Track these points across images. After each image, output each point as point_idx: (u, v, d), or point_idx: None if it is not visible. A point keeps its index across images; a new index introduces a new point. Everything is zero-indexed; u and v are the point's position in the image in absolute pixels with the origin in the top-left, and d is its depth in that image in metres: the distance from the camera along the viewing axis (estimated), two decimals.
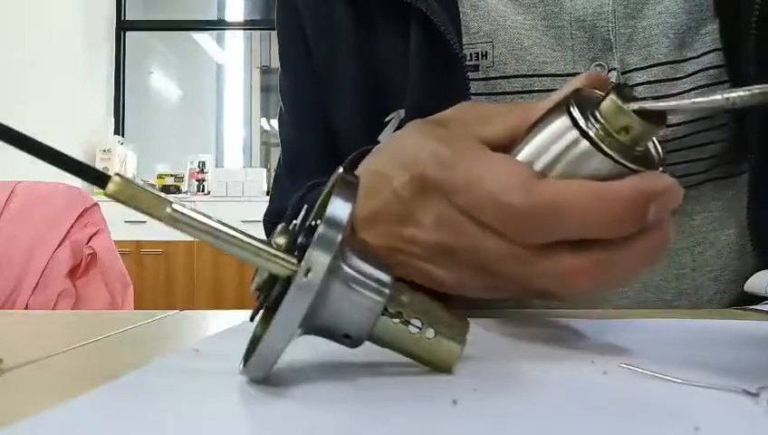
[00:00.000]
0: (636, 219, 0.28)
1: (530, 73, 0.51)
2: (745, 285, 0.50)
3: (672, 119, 0.50)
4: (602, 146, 0.28)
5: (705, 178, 0.53)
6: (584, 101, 0.29)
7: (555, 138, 0.29)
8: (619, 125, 0.28)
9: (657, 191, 0.27)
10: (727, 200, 0.54)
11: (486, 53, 0.52)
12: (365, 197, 0.35)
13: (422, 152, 0.32)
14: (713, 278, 0.54)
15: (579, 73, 0.51)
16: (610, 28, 0.50)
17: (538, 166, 0.29)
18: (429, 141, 0.33)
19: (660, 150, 0.30)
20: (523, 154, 0.30)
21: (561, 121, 0.29)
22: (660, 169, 0.29)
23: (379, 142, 0.54)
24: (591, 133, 0.28)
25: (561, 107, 0.29)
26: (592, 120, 0.28)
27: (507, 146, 0.31)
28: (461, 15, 0.52)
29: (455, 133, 0.33)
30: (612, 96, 0.28)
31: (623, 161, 0.28)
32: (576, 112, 0.28)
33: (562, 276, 0.29)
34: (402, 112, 0.53)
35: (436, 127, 0.35)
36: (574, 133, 0.28)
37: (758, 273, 0.50)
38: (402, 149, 0.35)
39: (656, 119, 0.28)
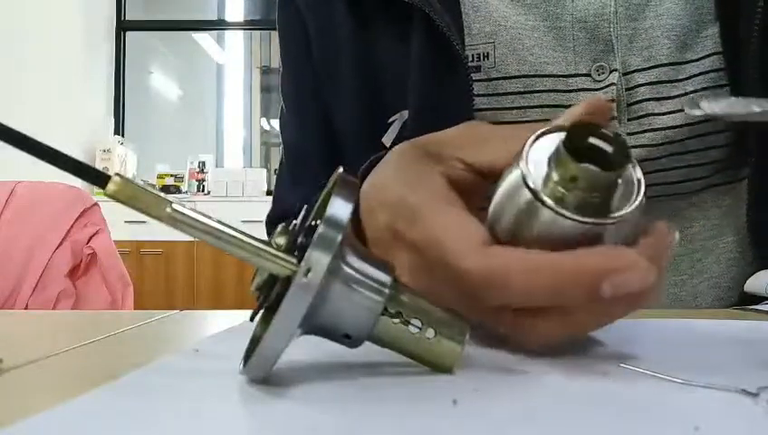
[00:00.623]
0: (583, 295, 0.26)
1: (531, 74, 0.51)
2: (745, 285, 0.50)
3: (671, 122, 0.50)
4: (546, 201, 0.26)
5: (705, 185, 0.53)
6: (540, 148, 0.27)
7: (511, 192, 0.27)
8: (568, 175, 0.25)
9: (608, 270, 0.25)
10: (726, 207, 0.54)
11: (488, 53, 0.52)
12: (365, 216, 0.35)
13: (393, 196, 0.33)
14: (711, 285, 0.54)
15: (579, 75, 0.51)
16: (612, 29, 0.50)
17: (501, 221, 0.28)
18: (399, 185, 0.33)
19: (640, 191, 0.27)
20: (492, 206, 0.29)
21: (515, 175, 0.27)
22: (628, 211, 0.26)
23: (382, 144, 0.54)
24: (540, 191, 0.26)
25: (519, 156, 0.27)
26: (549, 170, 0.26)
27: (503, 170, 0.30)
28: (462, 16, 0.52)
29: (425, 176, 0.33)
30: (560, 144, 0.25)
31: (571, 216, 0.25)
32: (524, 166, 0.27)
33: (524, 333, 0.29)
34: (405, 114, 0.53)
35: (418, 158, 0.34)
36: (524, 190, 0.27)
37: (758, 273, 0.50)
38: (384, 181, 0.35)
39: (614, 162, 0.25)
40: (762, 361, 0.28)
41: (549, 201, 0.26)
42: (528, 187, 0.26)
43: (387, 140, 0.54)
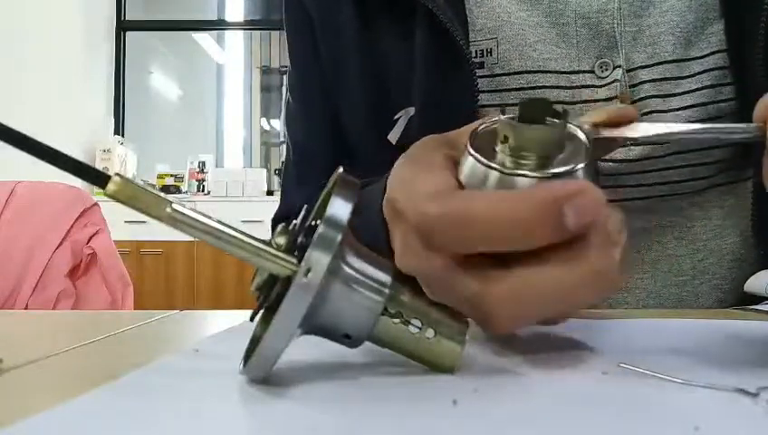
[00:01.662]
0: (547, 225, 0.25)
1: (534, 70, 0.51)
2: (745, 285, 0.50)
3: (675, 119, 0.50)
4: (490, 163, 0.27)
5: (708, 184, 0.53)
6: (484, 133, 0.29)
7: (468, 175, 0.28)
8: (506, 138, 0.27)
9: (566, 193, 0.25)
10: (729, 208, 0.54)
11: (491, 49, 0.52)
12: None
13: (395, 176, 0.32)
14: (713, 286, 0.54)
15: (583, 71, 0.51)
16: (616, 25, 0.50)
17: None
18: (405, 166, 0.32)
19: (585, 156, 0.27)
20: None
21: (470, 162, 0.28)
22: (568, 168, 0.27)
23: (388, 141, 0.54)
24: (492, 164, 0.27)
25: (466, 148, 0.29)
26: (496, 151, 0.28)
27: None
28: (466, 12, 0.52)
29: (428, 154, 0.32)
30: (500, 120, 0.27)
31: (511, 171, 0.26)
32: (472, 151, 0.28)
33: (484, 303, 0.26)
34: (411, 110, 0.53)
35: (432, 145, 0.33)
36: (476, 165, 0.27)
37: (758, 273, 0.50)
38: (394, 168, 0.34)
39: (557, 117, 0.26)
40: (762, 361, 0.28)
41: (491, 163, 0.27)
42: (474, 157, 0.27)
43: (392, 136, 0.54)
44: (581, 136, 0.28)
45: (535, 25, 0.51)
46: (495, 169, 0.27)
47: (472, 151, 0.28)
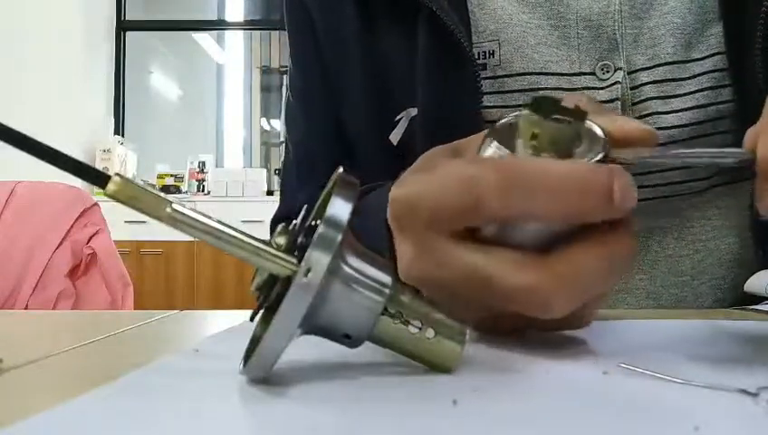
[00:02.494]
0: (598, 199, 0.26)
1: (536, 72, 0.51)
2: (746, 285, 0.50)
3: (676, 121, 0.50)
4: (505, 151, 0.27)
5: (708, 185, 0.53)
6: (502, 129, 0.29)
7: None
8: (530, 134, 0.27)
9: (616, 172, 0.26)
10: (728, 208, 0.54)
11: (493, 51, 0.52)
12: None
13: (397, 183, 0.31)
14: (712, 286, 0.54)
15: (584, 74, 0.51)
16: (617, 28, 0.50)
17: None
18: (408, 173, 0.31)
19: (603, 148, 0.28)
20: None
21: (489, 153, 0.29)
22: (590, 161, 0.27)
23: (389, 142, 0.54)
24: (503, 146, 0.27)
25: (485, 140, 0.29)
26: (516, 144, 0.28)
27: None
28: (469, 14, 0.52)
29: (436, 161, 0.31)
30: (523, 114, 0.27)
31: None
32: (495, 143, 0.28)
33: (541, 289, 0.27)
34: (412, 111, 0.53)
35: (440, 153, 0.33)
36: (491, 152, 0.28)
37: (758, 273, 0.50)
38: (402, 176, 0.33)
39: (568, 118, 0.27)
40: (762, 361, 0.28)
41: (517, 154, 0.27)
42: (498, 149, 0.28)
43: (394, 137, 0.54)
44: (599, 131, 0.28)
45: (536, 28, 0.51)
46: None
47: (495, 143, 0.28)
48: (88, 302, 1.45)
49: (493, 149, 0.28)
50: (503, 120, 0.29)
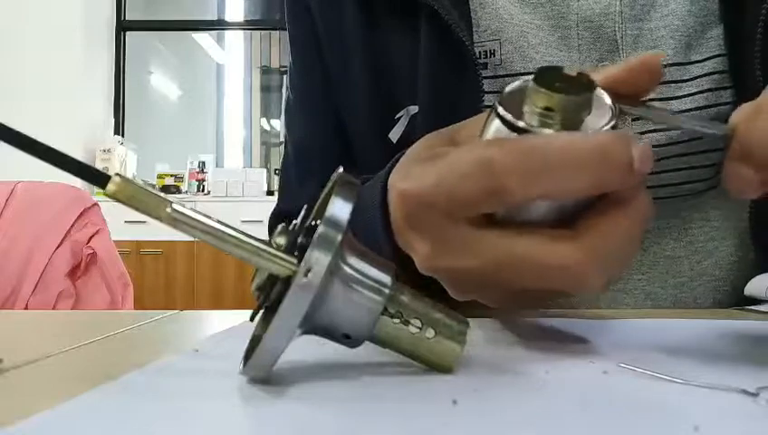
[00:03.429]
0: (619, 167, 0.26)
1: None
2: (745, 289, 0.50)
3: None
4: (525, 126, 0.27)
5: (707, 187, 0.53)
6: (510, 97, 0.29)
7: (491, 131, 0.28)
8: (539, 105, 0.27)
9: (632, 138, 0.26)
10: (728, 210, 0.54)
11: (494, 50, 0.52)
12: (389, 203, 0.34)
13: (399, 172, 0.31)
14: (711, 288, 0.54)
15: None
16: (617, 29, 0.50)
17: None
18: (410, 162, 0.31)
19: (613, 117, 0.28)
20: None
21: (494, 124, 0.28)
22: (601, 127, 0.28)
23: (389, 139, 0.54)
24: (520, 124, 0.27)
25: (491, 111, 0.29)
26: (524, 113, 0.28)
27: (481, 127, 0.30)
28: (470, 13, 0.52)
29: (436, 149, 0.31)
30: (529, 82, 0.27)
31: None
32: (500, 109, 0.28)
33: (574, 265, 0.27)
34: (412, 109, 0.53)
35: (437, 140, 0.33)
36: (504, 130, 0.28)
37: (759, 276, 0.50)
38: (400, 163, 0.33)
39: (580, 88, 0.27)
40: (762, 361, 0.28)
41: (527, 125, 0.27)
42: (507, 122, 0.27)
43: (393, 135, 0.54)
44: (606, 99, 0.28)
45: (537, 28, 0.51)
46: (531, 130, 0.27)
47: (497, 121, 0.28)
48: (88, 302, 1.45)
49: (498, 124, 0.28)
50: (506, 90, 0.29)
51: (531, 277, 0.28)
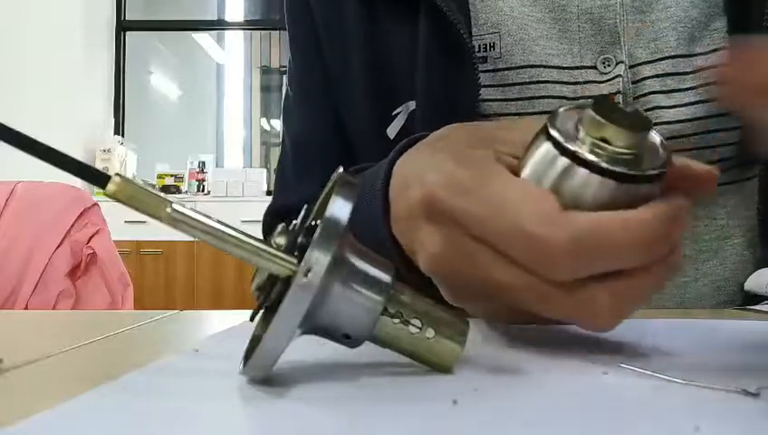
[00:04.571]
0: (666, 245, 0.28)
1: (537, 65, 0.51)
2: (746, 284, 0.50)
3: (679, 116, 0.50)
4: (593, 161, 0.27)
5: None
6: (562, 120, 0.29)
7: (545, 163, 0.28)
8: (597, 136, 0.27)
9: (680, 211, 0.27)
10: (733, 208, 0.53)
11: (494, 44, 0.52)
12: (396, 191, 0.34)
13: (439, 170, 0.31)
14: (716, 288, 0.54)
15: (585, 67, 0.51)
16: (618, 21, 0.50)
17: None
18: (447, 160, 0.31)
19: (664, 152, 0.29)
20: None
21: (545, 148, 0.28)
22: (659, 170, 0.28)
23: (387, 136, 0.54)
24: (570, 147, 0.27)
25: (542, 132, 0.29)
26: (578, 139, 0.28)
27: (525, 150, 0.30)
28: (469, 6, 0.52)
29: (478, 154, 0.31)
30: (589, 111, 0.27)
31: (616, 169, 0.27)
32: (557, 134, 0.28)
33: (588, 309, 0.28)
34: (410, 105, 0.53)
35: (470, 141, 0.33)
36: (560, 158, 0.28)
37: (759, 271, 0.50)
38: (428, 158, 0.33)
39: (639, 125, 0.27)
40: (762, 361, 0.28)
41: (577, 151, 0.27)
42: (568, 151, 0.27)
43: (391, 131, 0.54)
44: (658, 140, 0.29)
45: (538, 21, 0.51)
46: (592, 162, 0.27)
47: (554, 133, 0.28)
48: (88, 302, 1.45)
49: (548, 147, 0.28)
50: (561, 110, 0.29)
51: (544, 311, 0.29)
